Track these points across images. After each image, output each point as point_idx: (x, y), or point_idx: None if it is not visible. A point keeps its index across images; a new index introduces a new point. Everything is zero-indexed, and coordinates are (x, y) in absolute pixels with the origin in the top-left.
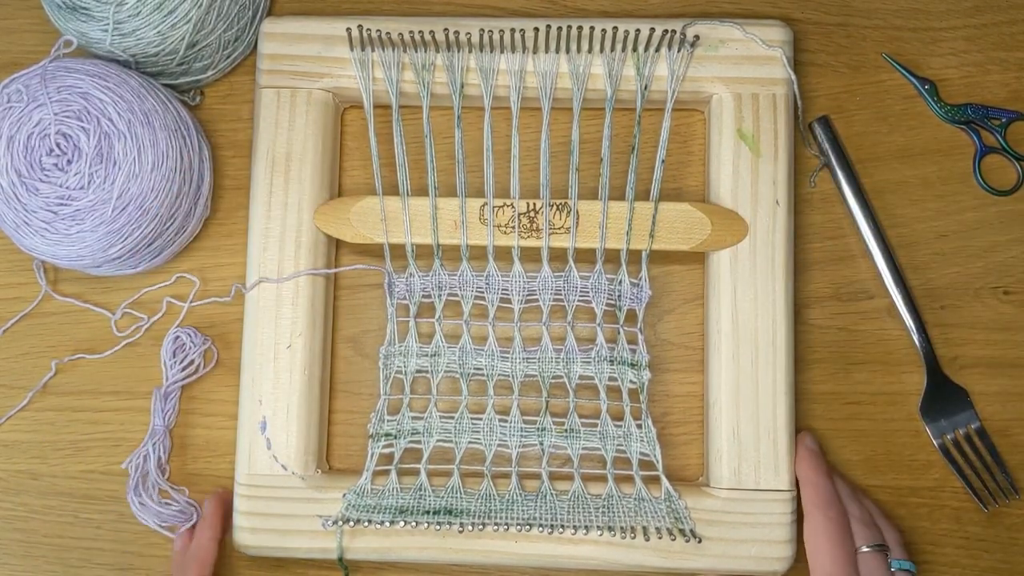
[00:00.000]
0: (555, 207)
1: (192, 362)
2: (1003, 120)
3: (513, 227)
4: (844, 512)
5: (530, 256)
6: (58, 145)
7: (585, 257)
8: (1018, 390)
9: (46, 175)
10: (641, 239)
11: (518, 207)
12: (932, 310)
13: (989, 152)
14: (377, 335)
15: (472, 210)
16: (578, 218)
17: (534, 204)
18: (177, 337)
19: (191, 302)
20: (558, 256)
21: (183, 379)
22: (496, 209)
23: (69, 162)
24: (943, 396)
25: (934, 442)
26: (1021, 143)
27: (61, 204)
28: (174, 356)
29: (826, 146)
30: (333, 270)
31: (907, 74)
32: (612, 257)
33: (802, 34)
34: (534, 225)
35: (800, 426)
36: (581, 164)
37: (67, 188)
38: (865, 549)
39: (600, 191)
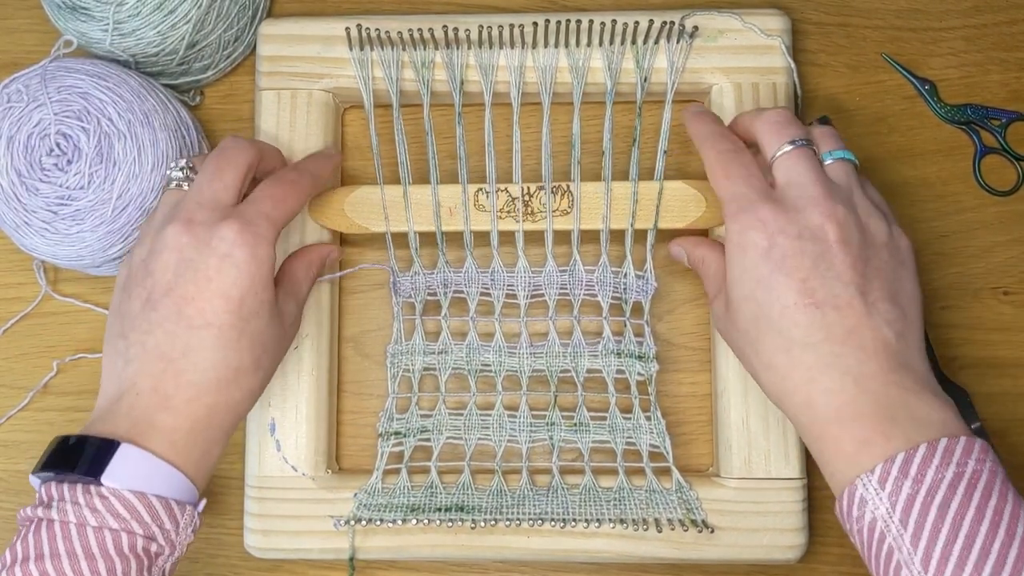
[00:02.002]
0: (552, 190)
1: None
2: (1003, 120)
3: (508, 211)
4: (735, 141)
5: (533, 239)
6: (58, 145)
7: (590, 250)
8: (1018, 390)
9: (46, 175)
10: (638, 221)
11: (512, 191)
12: (932, 310)
13: (989, 152)
14: (377, 335)
15: (468, 197)
16: (576, 200)
17: (528, 188)
18: None
19: None
20: (562, 241)
21: None
22: (491, 194)
23: (69, 162)
24: None
25: None
26: (1021, 143)
27: (61, 204)
28: None
29: None
30: (337, 274)
31: (907, 74)
32: (617, 251)
33: (802, 34)
34: (529, 209)
35: None
36: (583, 158)
37: (67, 188)
38: (785, 149)
39: (604, 184)
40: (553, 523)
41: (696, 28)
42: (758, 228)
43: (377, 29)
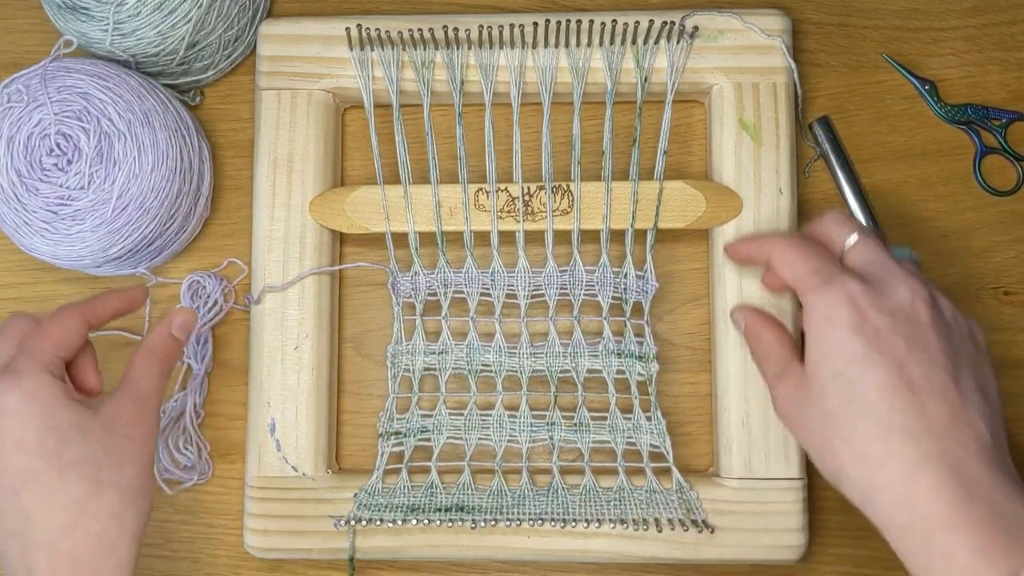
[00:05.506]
0: (553, 190)
1: (216, 303)
2: (1003, 120)
3: (508, 211)
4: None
5: (533, 239)
6: (58, 145)
7: (590, 250)
8: (1018, 390)
9: (46, 175)
10: (639, 221)
11: (512, 191)
12: None
13: (989, 152)
14: (378, 335)
15: (468, 197)
16: (576, 200)
17: (528, 188)
18: (194, 281)
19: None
20: (562, 241)
21: (211, 320)
22: (492, 194)
23: (69, 162)
24: None
25: None
26: (1021, 143)
27: (61, 204)
28: (192, 302)
29: (826, 146)
30: (335, 267)
31: (907, 74)
32: (617, 251)
33: (802, 34)
34: (529, 209)
35: None
36: (583, 158)
37: (67, 188)
38: (857, 237)
39: (604, 184)
40: (553, 523)
41: (696, 28)
42: (847, 302)
43: (377, 29)
